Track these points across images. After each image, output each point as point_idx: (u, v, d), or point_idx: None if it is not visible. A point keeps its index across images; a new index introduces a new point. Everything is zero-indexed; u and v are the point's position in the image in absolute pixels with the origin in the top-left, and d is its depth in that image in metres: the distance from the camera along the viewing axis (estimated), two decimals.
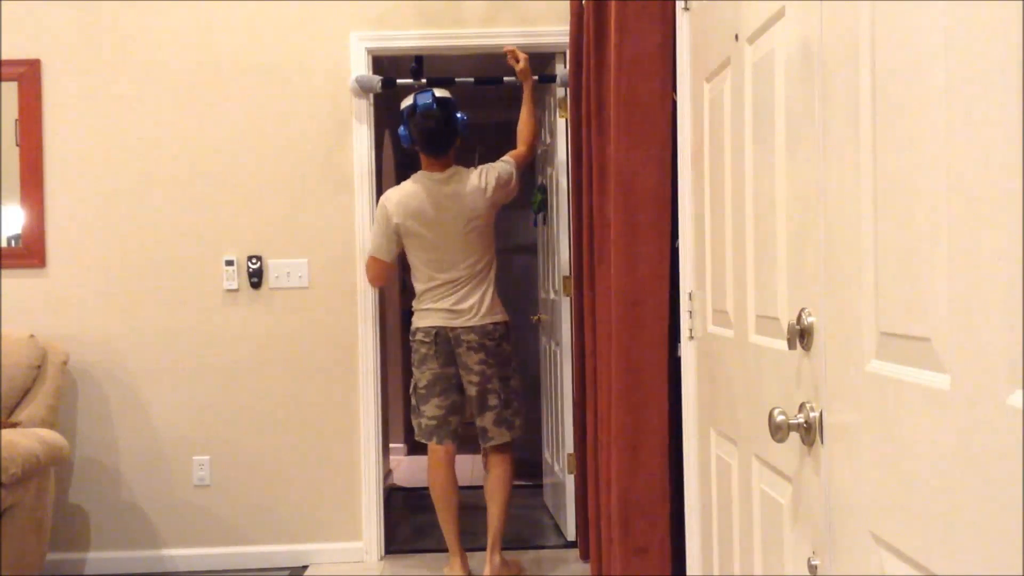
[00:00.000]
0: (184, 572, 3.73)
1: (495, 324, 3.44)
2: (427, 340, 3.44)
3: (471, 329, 3.40)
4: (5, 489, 2.90)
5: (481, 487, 3.63)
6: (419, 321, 3.50)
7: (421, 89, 3.53)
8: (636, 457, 2.43)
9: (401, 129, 3.48)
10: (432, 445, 3.51)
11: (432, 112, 3.39)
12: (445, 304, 3.43)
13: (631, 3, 2.42)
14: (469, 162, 3.62)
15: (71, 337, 3.70)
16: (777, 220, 1.56)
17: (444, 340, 3.42)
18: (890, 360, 1.11)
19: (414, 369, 3.53)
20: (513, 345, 3.57)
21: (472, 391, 3.45)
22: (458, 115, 3.46)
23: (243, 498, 3.78)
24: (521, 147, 3.64)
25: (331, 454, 3.79)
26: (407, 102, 3.47)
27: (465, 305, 3.41)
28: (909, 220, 1.05)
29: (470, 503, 4.72)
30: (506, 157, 3.57)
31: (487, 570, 3.45)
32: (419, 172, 3.48)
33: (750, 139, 1.71)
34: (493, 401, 3.45)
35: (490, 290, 3.47)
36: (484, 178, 3.44)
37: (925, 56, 1.01)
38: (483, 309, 3.42)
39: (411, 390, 3.56)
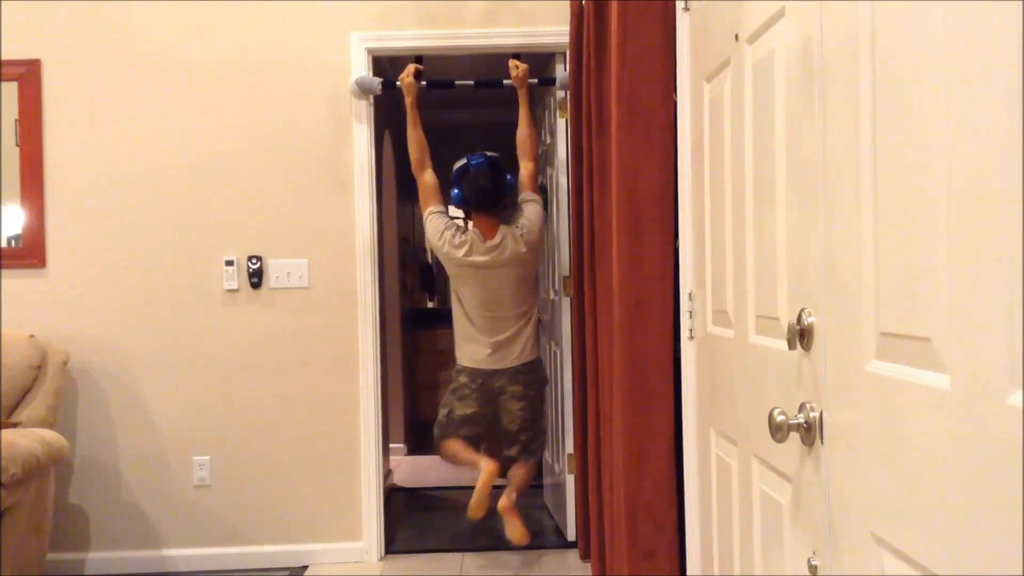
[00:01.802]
0: (184, 572, 3.73)
1: (533, 361, 3.67)
2: (472, 385, 3.63)
3: (516, 377, 3.60)
4: (5, 489, 2.90)
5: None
6: (464, 359, 3.68)
7: (473, 153, 3.67)
8: (642, 459, 2.43)
9: (454, 192, 3.63)
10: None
11: (485, 171, 3.57)
12: (489, 340, 3.59)
13: (632, 3, 2.42)
14: None
15: (71, 337, 3.69)
16: (777, 220, 1.56)
17: (488, 389, 3.62)
18: (890, 360, 1.11)
19: (453, 397, 3.69)
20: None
21: (509, 428, 3.67)
22: (507, 176, 3.65)
23: (243, 498, 3.78)
24: (529, 164, 3.72)
25: (331, 454, 3.79)
26: (460, 164, 3.63)
27: (512, 347, 3.61)
28: (909, 220, 1.05)
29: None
30: (527, 193, 3.68)
31: (501, 502, 3.55)
32: (472, 231, 3.60)
33: (750, 139, 1.71)
34: (524, 437, 3.68)
35: (534, 328, 3.69)
36: (526, 238, 3.58)
37: (925, 56, 1.01)
38: (527, 349, 3.64)
39: (447, 413, 3.70)
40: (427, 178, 3.65)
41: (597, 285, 3.00)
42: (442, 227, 3.58)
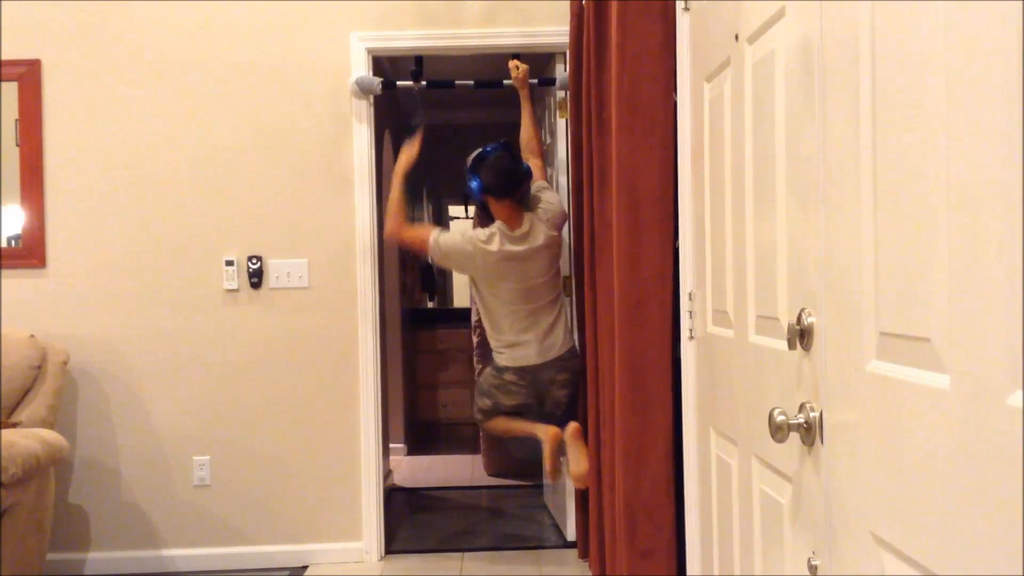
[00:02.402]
0: (184, 572, 3.73)
1: (573, 347, 3.62)
2: (522, 382, 3.57)
3: (564, 366, 3.54)
4: (5, 489, 2.90)
5: (481, 487, 3.66)
6: (508, 359, 3.57)
7: (486, 144, 3.62)
8: (641, 459, 2.43)
9: (473, 182, 3.51)
10: None
11: (504, 154, 3.52)
12: (533, 335, 3.54)
13: (632, 3, 2.42)
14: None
15: (71, 337, 3.69)
16: (777, 220, 1.56)
17: (537, 382, 3.56)
18: (890, 360, 1.11)
19: (498, 392, 3.61)
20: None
21: (554, 412, 3.63)
22: (522, 162, 3.60)
23: (243, 498, 3.78)
24: (538, 160, 3.71)
25: (331, 454, 3.79)
26: (474, 155, 3.54)
27: (553, 336, 3.56)
28: (909, 220, 1.05)
29: (470, 503, 4.73)
30: (541, 182, 3.65)
31: (569, 428, 3.46)
32: (498, 222, 3.50)
33: (750, 139, 1.71)
34: (566, 419, 3.62)
35: (567, 313, 3.67)
36: (553, 220, 3.56)
37: (925, 56, 1.01)
38: (565, 336, 3.61)
39: (491, 406, 3.63)
40: (415, 227, 3.61)
41: (597, 285, 3.00)
42: (458, 235, 3.51)
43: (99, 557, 3.73)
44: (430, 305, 7.40)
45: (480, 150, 3.55)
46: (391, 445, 5.71)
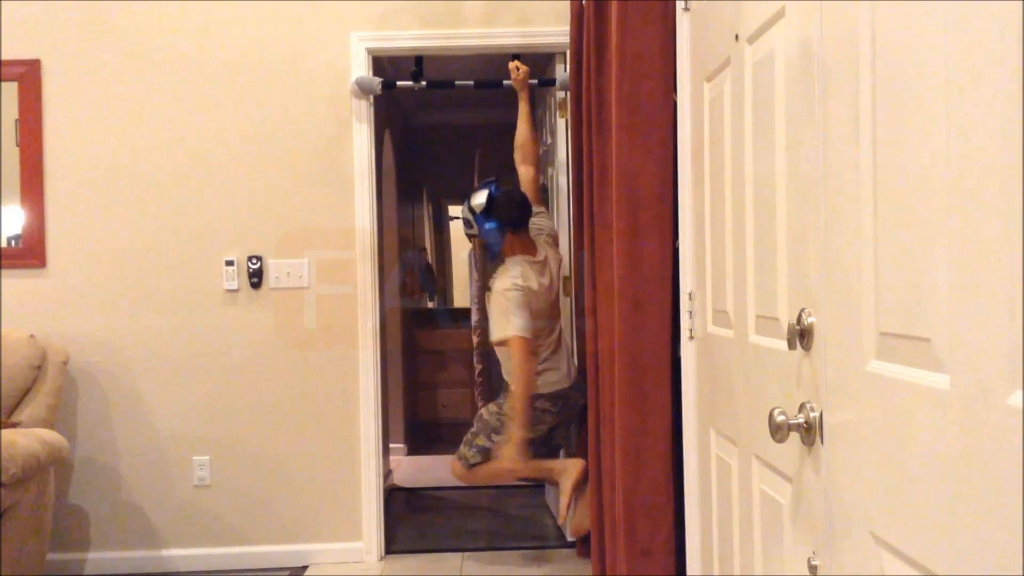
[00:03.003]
0: (184, 572, 3.73)
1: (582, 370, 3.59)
2: (553, 409, 3.51)
3: (583, 389, 3.45)
4: (5, 489, 2.90)
5: (481, 487, 3.66)
6: (540, 386, 3.47)
7: (476, 190, 3.61)
8: (640, 459, 2.43)
9: (488, 224, 3.47)
10: None
11: (507, 187, 3.55)
12: (562, 356, 3.55)
13: (632, 3, 2.42)
14: (470, 163, 3.63)
15: (71, 337, 3.69)
16: (777, 220, 1.56)
17: (567, 407, 3.54)
18: (890, 360, 1.11)
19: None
20: None
21: (560, 442, 3.68)
22: None
23: (243, 498, 3.78)
24: (531, 168, 3.71)
25: (331, 454, 3.79)
26: (479, 199, 3.52)
27: (572, 358, 3.60)
28: (909, 220, 1.05)
29: (470, 503, 4.73)
30: (539, 207, 3.67)
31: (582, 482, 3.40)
32: (518, 257, 3.48)
33: (750, 139, 1.71)
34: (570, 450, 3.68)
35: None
36: (556, 242, 3.63)
37: (925, 56, 1.02)
38: (572, 357, 3.63)
39: (502, 441, 3.51)
40: (520, 363, 3.35)
41: (597, 285, 3.00)
42: (503, 300, 3.35)
43: (99, 557, 3.73)
44: (430, 305, 7.40)
45: (484, 194, 3.52)
46: (391, 445, 5.71)
